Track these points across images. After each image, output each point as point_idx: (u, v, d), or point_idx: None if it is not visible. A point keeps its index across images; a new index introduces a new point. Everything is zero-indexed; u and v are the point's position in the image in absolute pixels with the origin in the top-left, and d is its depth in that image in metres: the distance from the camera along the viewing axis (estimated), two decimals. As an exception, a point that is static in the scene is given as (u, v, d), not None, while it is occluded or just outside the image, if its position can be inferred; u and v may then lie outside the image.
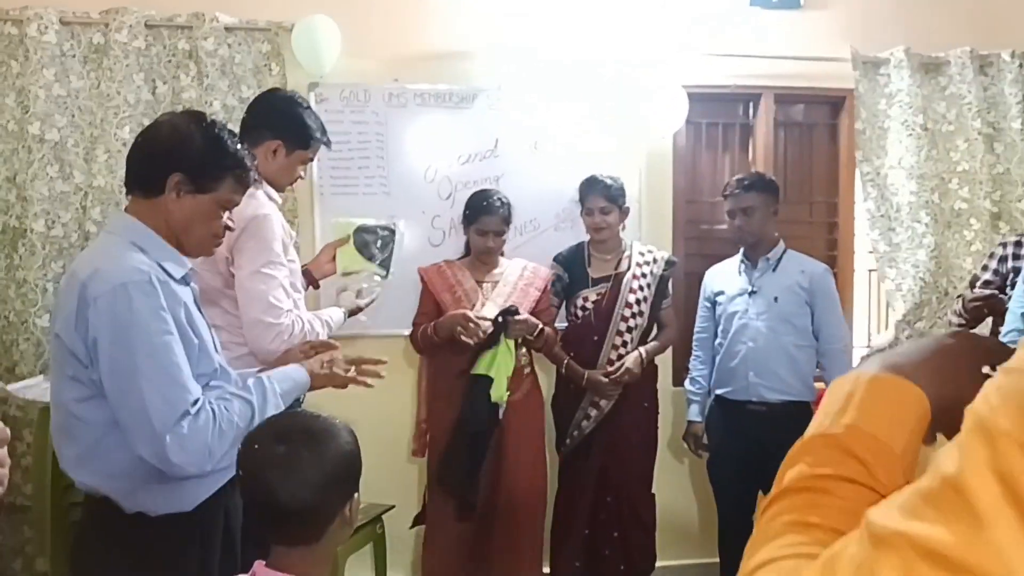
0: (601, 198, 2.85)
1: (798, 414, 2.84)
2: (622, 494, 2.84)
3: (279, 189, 2.24)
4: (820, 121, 3.63)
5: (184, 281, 1.55)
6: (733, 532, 2.99)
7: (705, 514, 3.34)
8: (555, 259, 3.00)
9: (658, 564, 2.98)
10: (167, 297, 1.43)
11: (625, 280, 2.88)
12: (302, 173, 2.29)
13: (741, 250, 2.95)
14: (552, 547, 2.93)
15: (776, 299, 2.83)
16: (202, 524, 1.53)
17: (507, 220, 2.79)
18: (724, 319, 2.94)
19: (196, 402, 1.42)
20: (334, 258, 2.47)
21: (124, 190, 1.59)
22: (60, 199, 2.83)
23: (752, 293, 2.87)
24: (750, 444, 2.86)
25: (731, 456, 2.92)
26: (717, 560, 3.09)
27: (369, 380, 1.79)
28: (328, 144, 2.32)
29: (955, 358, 0.61)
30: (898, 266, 3.36)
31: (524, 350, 2.77)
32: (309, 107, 2.29)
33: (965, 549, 0.36)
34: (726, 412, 2.93)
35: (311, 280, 2.43)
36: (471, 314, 2.65)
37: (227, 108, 2.90)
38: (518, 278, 2.83)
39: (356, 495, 1.26)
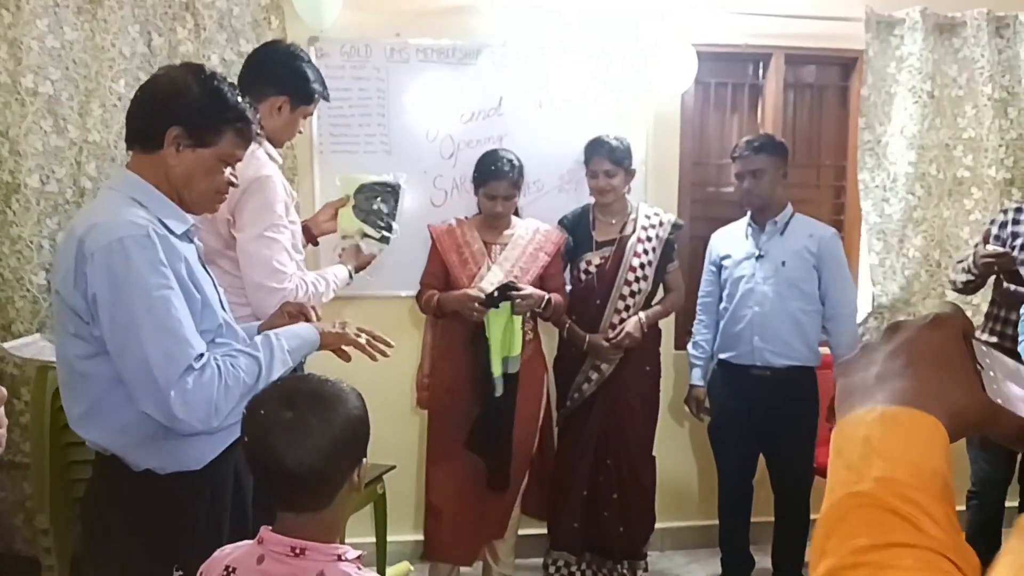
0: (606, 160, 2.79)
1: (802, 379, 2.83)
2: (621, 457, 2.84)
3: (279, 145, 2.20)
4: (831, 83, 3.56)
5: (186, 237, 1.52)
6: (733, 495, 3.01)
7: (705, 477, 3.35)
8: (560, 222, 2.95)
9: (657, 526, 2.99)
10: (166, 251, 1.40)
11: (629, 244, 2.84)
12: (302, 128, 2.25)
13: (748, 213, 2.91)
14: (550, 509, 2.94)
15: (783, 263, 2.80)
16: (212, 483, 1.52)
17: (517, 184, 2.72)
18: (730, 283, 2.91)
19: (200, 357, 1.39)
20: (335, 216, 2.42)
21: (120, 145, 1.56)
22: (54, 154, 2.77)
23: (759, 257, 2.84)
24: (753, 408, 2.85)
25: (733, 420, 2.91)
26: (716, 523, 3.10)
27: (376, 354, 1.75)
28: (327, 97, 2.28)
29: (948, 365, 0.57)
30: (886, 239, 3.34)
31: (529, 314, 2.73)
32: (309, 59, 2.24)
33: None
34: (729, 376, 2.92)
35: (310, 237, 2.40)
36: (473, 293, 2.59)
37: (225, 63, 2.83)
38: (528, 242, 2.76)
39: (364, 460, 1.23)
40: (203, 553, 1.40)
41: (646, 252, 2.84)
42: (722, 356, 2.95)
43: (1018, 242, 2.71)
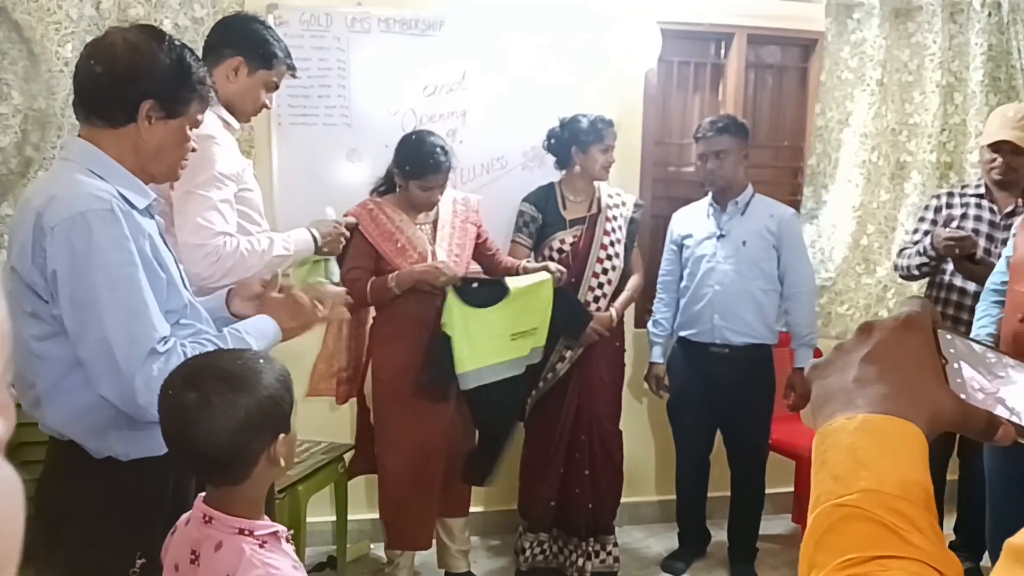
0: (614, 138, 2.82)
1: (759, 357, 2.89)
2: (594, 432, 2.85)
3: (241, 115, 2.11)
4: (791, 64, 3.60)
5: (147, 212, 1.45)
6: (691, 471, 3.07)
7: (662, 454, 3.40)
8: (526, 199, 2.91)
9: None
10: (130, 227, 1.34)
11: (599, 222, 2.84)
12: (267, 101, 2.15)
13: (710, 194, 2.93)
14: (523, 488, 2.95)
15: (744, 243, 2.83)
16: (176, 468, 1.47)
17: (451, 169, 2.61)
18: (691, 262, 2.94)
19: (165, 340, 1.34)
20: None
21: (67, 112, 1.48)
22: (-3, 121, 2.64)
23: (720, 237, 2.87)
24: (711, 385, 2.90)
25: (692, 397, 2.96)
26: (674, 498, 3.16)
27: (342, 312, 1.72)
28: (293, 70, 2.20)
29: (923, 369, 0.58)
30: (818, 224, 3.41)
31: None
32: (271, 28, 2.16)
33: None
34: (689, 354, 2.96)
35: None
36: (443, 266, 2.52)
37: (179, 28, 2.72)
38: (453, 216, 2.70)
39: (283, 436, 1.21)
40: (164, 540, 1.37)
41: (614, 231, 2.85)
42: (682, 334, 2.98)
43: (952, 224, 2.81)
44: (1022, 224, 2.24)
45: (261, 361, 1.22)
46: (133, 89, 1.39)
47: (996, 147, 2.73)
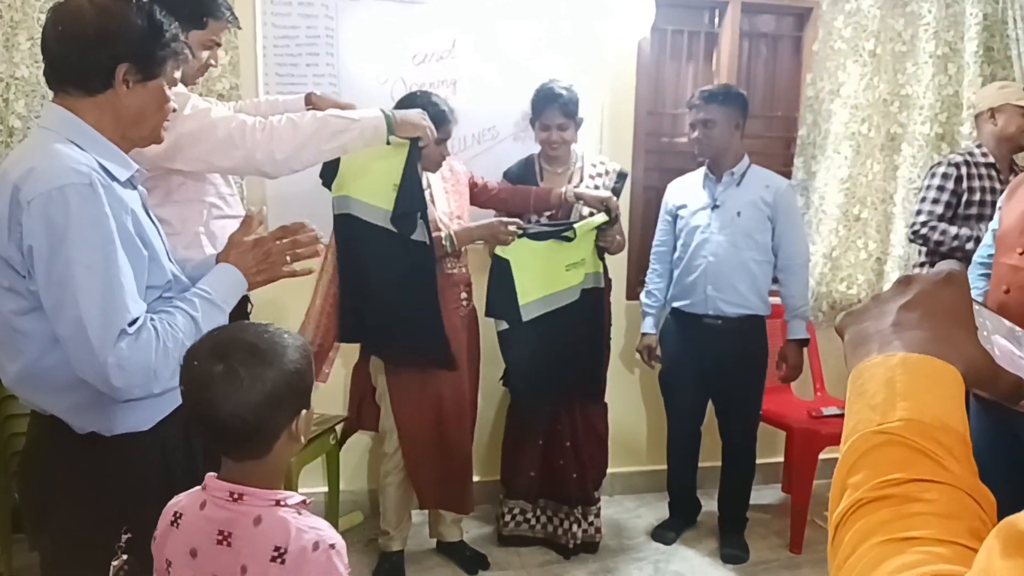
0: (559, 114, 2.74)
1: (752, 328, 2.89)
2: (576, 405, 2.85)
3: (187, 80, 2.01)
4: (785, 33, 3.56)
5: (130, 184, 1.41)
6: (682, 441, 3.09)
7: (654, 424, 3.42)
8: (504, 175, 2.90)
9: (608, 471, 3.04)
10: (111, 203, 1.29)
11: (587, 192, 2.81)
12: (211, 60, 2.07)
13: (705, 164, 2.91)
14: (504, 457, 2.96)
15: (739, 214, 2.82)
16: (161, 444, 1.45)
17: (455, 124, 2.62)
18: (685, 233, 2.92)
19: (135, 321, 1.31)
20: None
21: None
22: (-22, 90, 2.59)
23: (715, 208, 2.85)
24: (704, 356, 2.91)
25: (685, 368, 2.97)
26: (665, 468, 3.18)
27: (310, 264, 1.64)
28: (233, 22, 2.10)
29: (960, 321, 0.60)
30: (808, 195, 3.41)
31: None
32: (150, 7, 2.03)
33: None
34: (682, 325, 2.96)
35: None
36: (506, 219, 2.62)
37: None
38: (443, 181, 2.70)
39: (304, 412, 1.22)
40: (153, 516, 1.36)
41: None
42: (675, 305, 2.98)
43: (975, 199, 2.91)
44: (1006, 197, 2.23)
45: (286, 336, 1.21)
46: (107, 54, 1.34)
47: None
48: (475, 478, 2.93)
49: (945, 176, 2.97)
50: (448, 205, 2.67)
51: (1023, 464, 1.90)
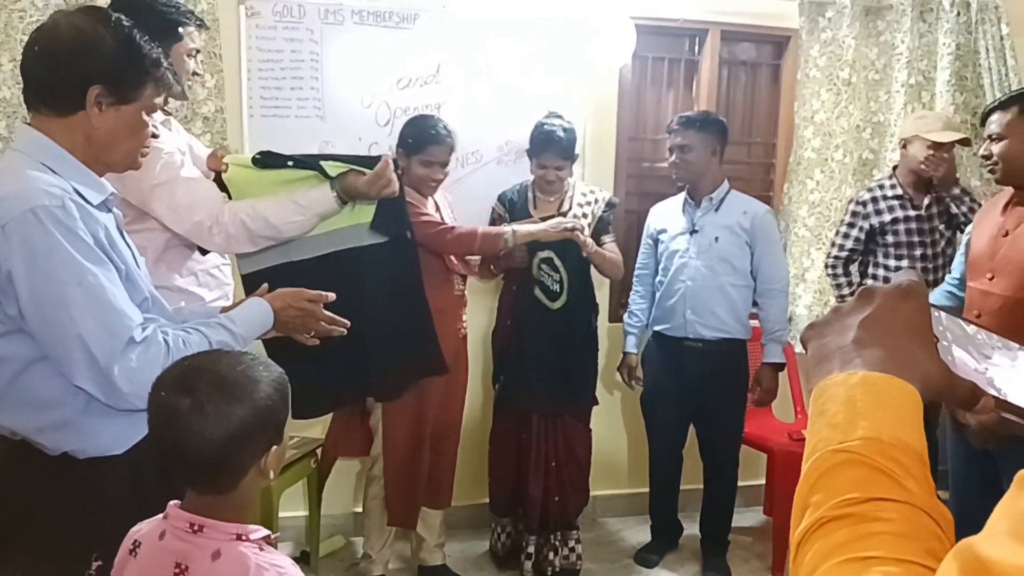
0: (557, 157, 2.76)
1: (732, 351, 2.92)
2: (558, 427, 2.85)
3: (178, 93, 2.03)
4: (764, 60, 3.62)
5: (104, 207, 1.40)
6: (664, 464, 3.09)
7: (635, 446, 3.42)
8: (499, 199, 2.94)
9: (590, 494, 3.03)
10: (85, 221, 1.29)
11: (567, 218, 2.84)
12: (194, 67, 2.09)
13: (686, 189, 2.95)
14: (490, 482, 2.96)
15: (716, 239, 2.85)
16: (134, 467, 1.42)
17: (453, 150, 2.69)
18: (665, 257, 2.95)
19: (142, 327, 1.30)
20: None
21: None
22: (-40, 111, 2.58)
23: (693, 232, 2.89)
24: (685, 379, 2.92)
25: (666, 391, 2.98)
26: (647, 490, 3.18)
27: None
28: (201, 24, 2.12)
29: (919, 336, 0.61)
30: (782, 219, 3.45)
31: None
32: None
33: None
34: (663, 348, 2.98)
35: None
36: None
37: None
38: (436, 208, 2.74)
39: (275, 447, 1.18)
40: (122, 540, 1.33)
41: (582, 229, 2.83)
42: (656, 328, 3.00)
43: (887, 228, 3.03)
44: (976, 223, 2.28)
45: (260, 368, 1.16)
46: (78, 75, 1.32)
47: (941, 145, 2.92)
48: (458, 502, 2.92)
49: (854, 214, 3.10)
50: (456, 223, 2.74)
51: (999, 486, 1.92)
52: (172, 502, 1.18)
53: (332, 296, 1.66)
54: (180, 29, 2.02)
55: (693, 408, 2.99)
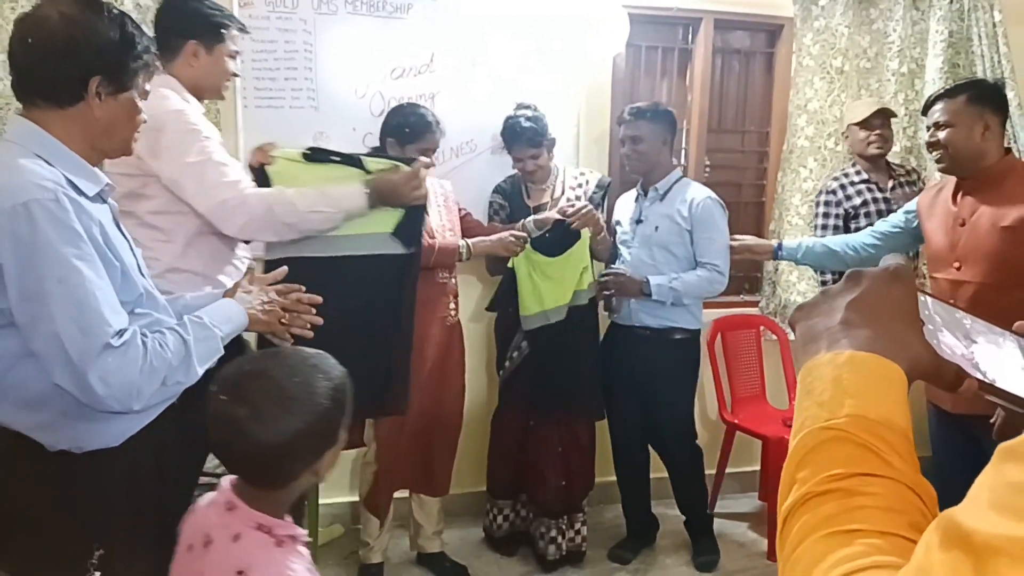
0: (526, 147, 2.81)
1: (682, 340, 2.89)
2: (560, 413, 2.87)
3: (215, 93, 2.14)
4: (758, 49, 3.62)
5: (99, 198, 1.40)
6: (627, 455, 3.07)
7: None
8: (495, 190, 2.97)
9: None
10: (79, 216, 1.28)
11: (560, 205, 2.85)
12: (235, 68, 2.15)
13: (640, 180, 2.95)
14: (489, 466, 2.99)
15: (656, 228, 2.85)
16: (131, 460, 1.42)
17: (442, 136, 2.70)
18: (618, 247, 2.97)
19: (121, 333, 1.29)
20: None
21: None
22: (-47, 103, 2.57)
23: (638, 222, 2.89)
24: (635, 369, 2.90)
25: (621, 382, 2.95)
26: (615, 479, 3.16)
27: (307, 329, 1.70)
28: (241, 27, 2.18)
29: (906, 318, 0.62)
30: (776, 208, 3.46)
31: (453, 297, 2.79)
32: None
33: None
34: (617, 338, 2.97)
35: None
36: (516, 231, 2.74)
37: (141, 8, 2.67)
38: (434, 196, 2.74)
39: (329, 451, 1.19)
40: (125, 531, 1.35)
41: None
42: (612, 318, 3.00)
43: (860, 212, 3.08)
44: (924, 215, 2.33)
45: (319, 376, 1.17)
46: (77, 66, 1.32)
47: (868, 123, 3.07)
48: (457, 490, 2.94)
49: (827, 203, 3.15)
50: (440, 218, 2.74)
51: (981, 463, 1.96)
52: (229, 478, 1.21)
53: (318, 299, 1.71)
54: (223, 31, 2.08)
55: (645, 397, 2.95)
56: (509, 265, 2.80)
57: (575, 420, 2.89)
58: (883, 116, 3.11)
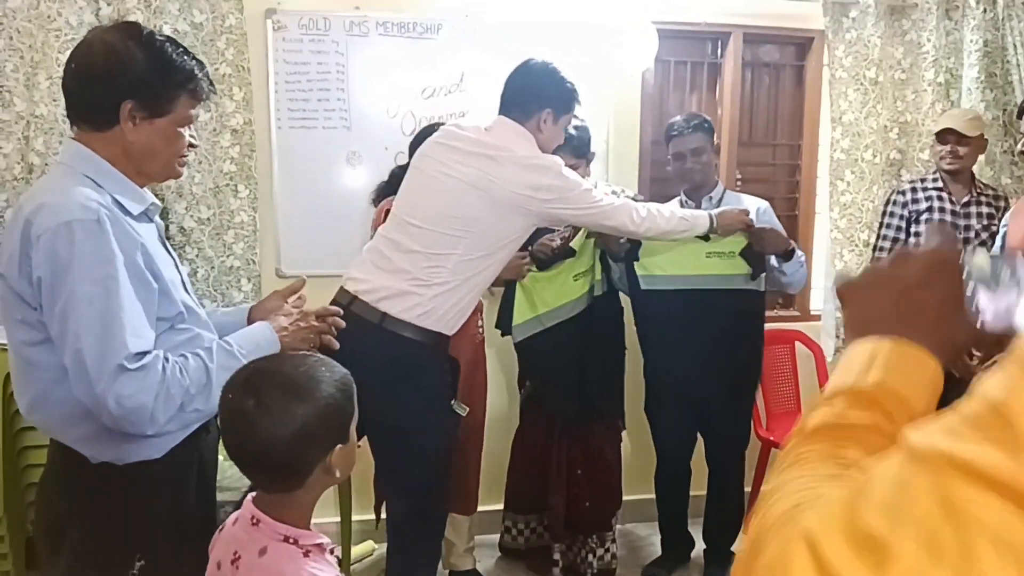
0: (570, 156, 2.76)
1: (744, 353, 2.81)
2: (583, 429, 2.84)
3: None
4: (787, 62, 3.61)
5: (145, 217, 1.44)
6: (670, 471, 3.00)
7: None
8: None
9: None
10: (119, 237, 1.31)
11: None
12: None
13: (681, 192, 2.93)
14: (509, 482, 2.98)
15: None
16: (174, 471, 1.45)
17: None
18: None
19: (140, 356, 1.30)
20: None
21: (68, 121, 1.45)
22: (1, 129, 2.66)
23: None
24: (691, 382, 2.81)
25: (671, 395, 2.88)
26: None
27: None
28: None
29: (953, 305, 0.62)
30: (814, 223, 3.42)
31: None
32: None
33: (1007, 470, 0.37)
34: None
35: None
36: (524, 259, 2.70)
37: (178, 34, 2.74)
38: None
39: (340, 446, 1.20)
40: (166, 542, 1.36)
41: None
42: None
43: (923, 218, 3.03)
44: (1011, 220, 2.27)
45: (323, 369, 1.20)
46: (111, 90, 1.36)
47: (942, 137, 3.00)
48: (483, 508, 2.93)
49: (894, 203, 3.12)
50: None
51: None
52: (251, 494, 1.23)
53: (342, 324, 1.73)
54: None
55: (699, 411, 2.87)
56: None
57: (597, 433, 2.85)
58: (956, 134, 2.99)
